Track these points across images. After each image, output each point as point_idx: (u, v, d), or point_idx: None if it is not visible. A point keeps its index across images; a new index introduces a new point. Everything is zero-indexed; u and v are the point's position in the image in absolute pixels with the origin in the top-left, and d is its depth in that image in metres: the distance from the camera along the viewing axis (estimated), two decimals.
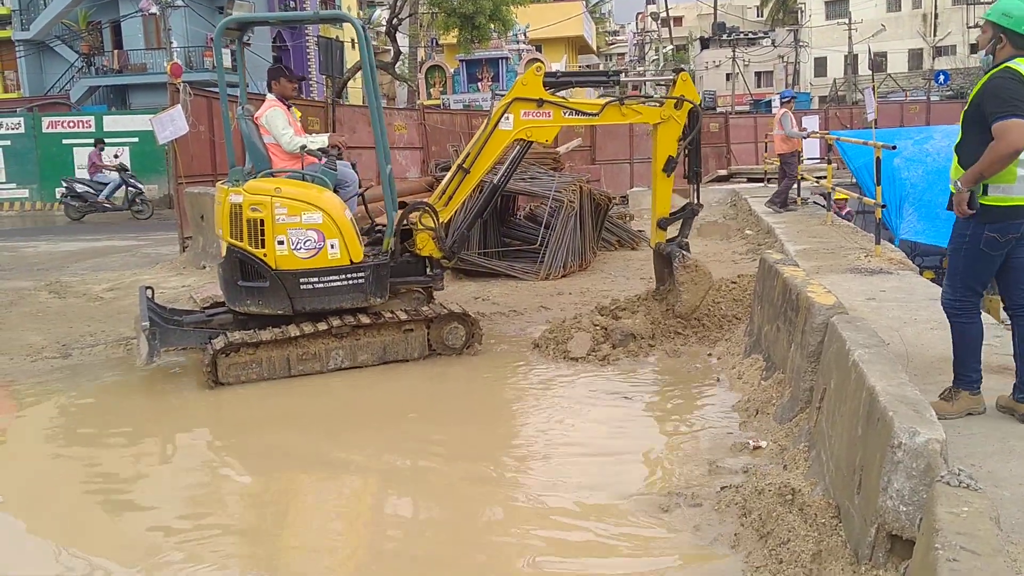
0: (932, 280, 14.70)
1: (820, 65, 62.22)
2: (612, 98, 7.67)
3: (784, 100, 15.31)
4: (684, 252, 7.80)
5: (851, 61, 51.68)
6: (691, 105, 7.65)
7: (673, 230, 8.17)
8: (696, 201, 8.17)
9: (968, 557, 2.39)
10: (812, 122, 24.01)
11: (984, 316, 5.64)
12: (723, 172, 26.95)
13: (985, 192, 4.32)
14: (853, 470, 3.52)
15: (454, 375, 7.24)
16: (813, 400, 4.74)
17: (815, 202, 15.93)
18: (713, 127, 30.21)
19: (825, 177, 13.44)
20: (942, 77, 44.02)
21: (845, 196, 13.05)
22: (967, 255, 4.46)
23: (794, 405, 5.08)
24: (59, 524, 4.57)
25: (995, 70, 4.31)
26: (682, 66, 8.61)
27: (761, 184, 21.41)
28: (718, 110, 42.80)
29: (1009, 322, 4.58)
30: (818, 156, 20.00)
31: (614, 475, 4.94)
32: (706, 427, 5.63)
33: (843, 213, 15.10)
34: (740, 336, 7.35)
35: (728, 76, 58.65)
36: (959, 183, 4.35)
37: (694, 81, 8.02)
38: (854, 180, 16.59)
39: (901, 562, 3.08)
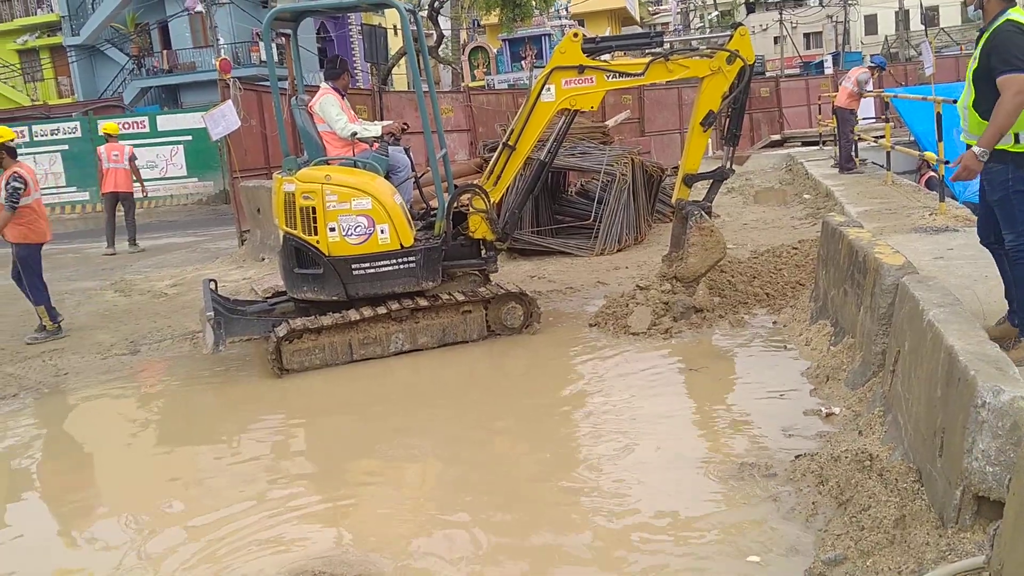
0: None
1: (871, 23, 60.63)
2: (656, 55, 7.41)
3: (872, 66, 14.82)
4: (703, 214, 7.47)
5: (902, 17, 50.24)
6: (743, 63, 7.34)
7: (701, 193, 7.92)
8: (729, 166, 7.85)
9: None
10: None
11: None
12: (776, 137, 26.51)
13: (1017, 141, 4.53)
14: (933, 432, 3.42)
15: (515, 355, 7.23)
16: (886, 363, 4.63)
17: (874, 162, 15.55)
18: (764, 92, 29.70)
19: (883, 137, 13.11)
20: None
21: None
22: (1018, 199, 4.59)
23: (866, 369, 4.97)
24: (149, 516, 4.67)
25: (998, 24, 4.44)
26: (740, 22, 8.22)
27: (816, 147, 20.99)
28: (767, 75, 42.03)
29: None
30: (874, 115, 19.51)
31: (685, 448, 4.88)
32: (776, 396, 5.53)
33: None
34: (805, 302, 7.21)
35: (776, 40, 57.50)
36: (979, 147, 4.55)
37: None
38: (912, 138, 16.18)
39: (989, 523, 2.98)
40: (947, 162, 10.07)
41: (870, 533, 3.36)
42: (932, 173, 14.56)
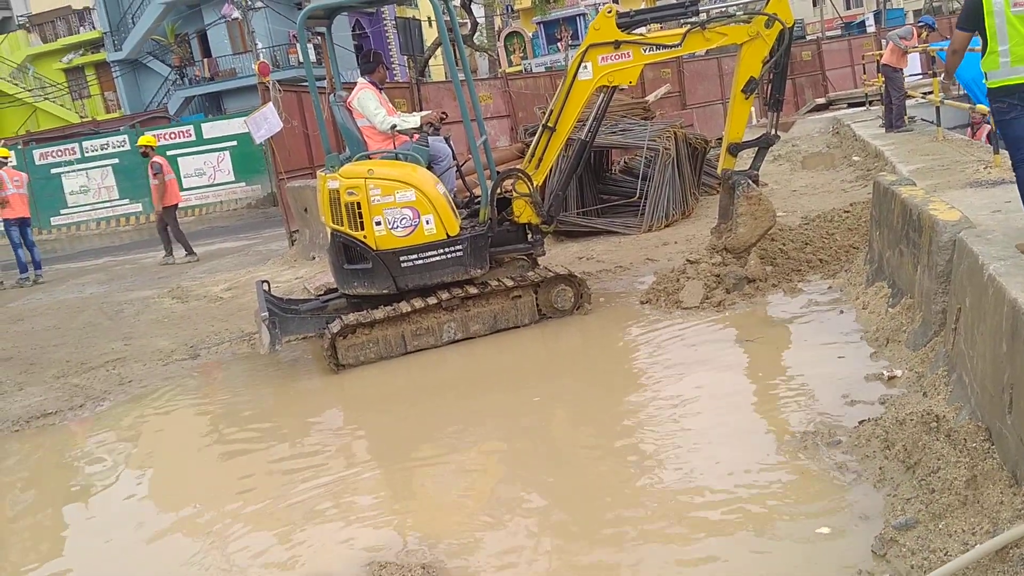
0: None
1: None
2: (692, 24, 7.29)
3: (920, 25, 14.44)
4: (751, 183, 7.36)
5: None
6: (782, 27, 7.18)
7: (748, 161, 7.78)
8: (773, 132, 7.70)
9: None
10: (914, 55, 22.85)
11: None
12: (821, 101, 26.00)
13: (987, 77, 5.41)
14: (1002, 389, 3.33)
15: (567, 337, 7.22)
16: (948, 322, 4.52)
17: (923, 119, 15.17)
18: (805, 56, 29.15)
19: (932, 92, 12.77)
20: None
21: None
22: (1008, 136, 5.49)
23: (927, 329, 4.86)
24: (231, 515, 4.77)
25: None
26: None
27: (863, 108, 20.55)
28: (808, 38, 41.23)
29: None
30: (920, 72, 19.03)
31: (746, 421, 4.83)
32: (836, 361, 5.43)
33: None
34: (860, 265, 7.07)
35: (815, 1, 56.33)
36: None
37: None
38: (962, 91, 15.72)
39: None
40: None
41: (941, 495, 3.29)
42: (987, 125, 14.11)
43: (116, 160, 26.47)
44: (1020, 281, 3.51)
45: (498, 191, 7.50)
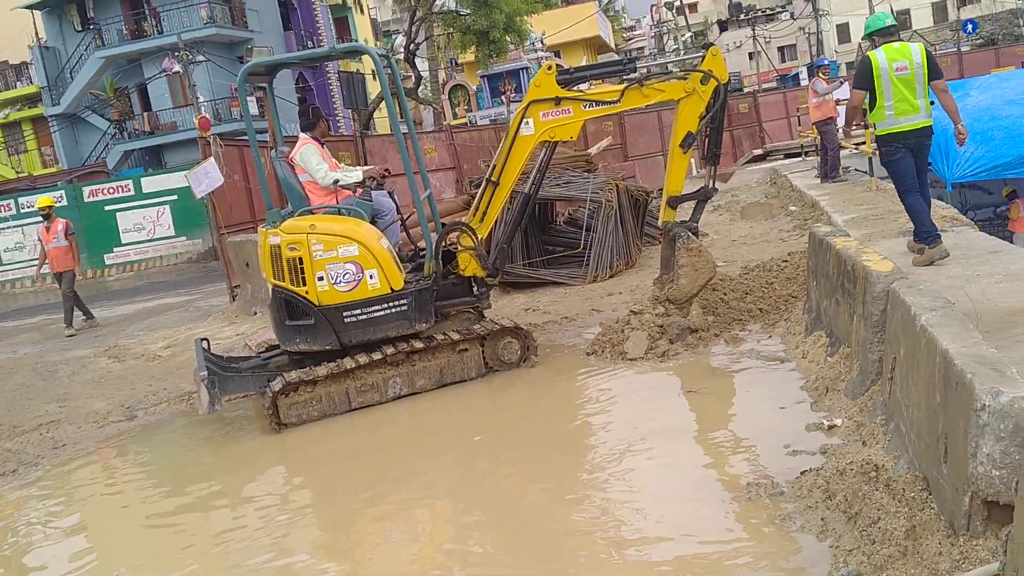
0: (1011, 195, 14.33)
1: (843, 31, 61.13)
2: (631, 81, 7.42)
3: (818, 67, 14.98)
4: (691, 235, 7.48)
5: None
6: (717, 83, 7.30)
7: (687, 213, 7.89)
8: (712, 185, 7.82)
9: None
10: (843, 90, 23.58)
11: None
12: (759, 152, 26.61)
13: (875, 127, 7.03)
14: (936, 438, 3.39)
15: (515, 390, 7.19)
16: (884, 371, 4.60)
17: (857, 169, 15.60)
18: (742, 108, 29.89)
19: (863, 143, 13.16)
20: (970, 26, 43.07)
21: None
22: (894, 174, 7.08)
23: (864, 378, 4.94)
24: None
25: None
26: (712, 42, 8.26)
27: (799, 159, 21.08)
28: (745, 90, 42.36)
29: None
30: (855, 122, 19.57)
31: (691, 472, 4.84)
32: (777, 411, 5.49)
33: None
34: (799, 315, 7.19)
35: (751, 55, 58.02)
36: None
37: None
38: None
39: (1001, 528, 2.94)
40: (929, 163, 10.11)
41: (882, 546, 3.31)
42: None
43: (60, 217, 25.89)
44: (951, 332, 3.60)
45: (444, 244, 7.50)
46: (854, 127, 10.48)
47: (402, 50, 30.52)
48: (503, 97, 38.93)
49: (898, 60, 6.85)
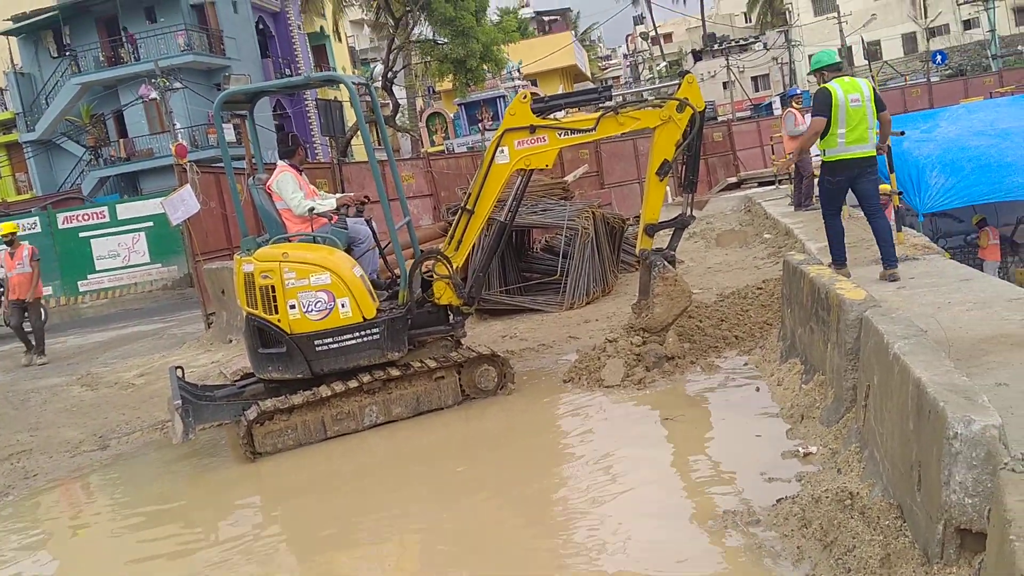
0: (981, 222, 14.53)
1: None
2: (606, 109, 7.44)
3: (789, 97, 15.17)
4: (666, 263, 7.48)
5: (845, 54, 51.55)
6: (693, 111, 7.30)
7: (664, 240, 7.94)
8: (689, 213, 7.83)
9: None
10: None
11: (1018, 288, 6.49)
12: (733, 180, 26.86)
13: (825, 153, 7.63)
14: (910, 466, 3.41)
15: (491, 418, 7.17)
16: (858, 398, 4.63)
17: None
18: (717, 136, 30.20)
19: None
20: (939, 57, 43.88)
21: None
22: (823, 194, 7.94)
23: (839, 406, 4.97)
24: None
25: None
26: (688, 69, 8.36)
27: (772, 187, 21.28)
28: (719, 119, 42.84)
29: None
30: None
31: (667, 500, 4.84)
32: (754, 439, 5.50)
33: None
34: (774, 342, 7.23)
35: (725, 85, 58.69)
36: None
37: None
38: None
39: (975, 556, 2.96)
40: (900, 193, 10.26)
41: (857, 574, 3.33)
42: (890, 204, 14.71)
43: (26, 242, 25.64)
44: (923, 359, 3.63)
45: (422, 272, 7.49)
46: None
47: (380, 78, 30.63)
48: (480, 125, 39.15)
49: (852, 92, 7.53)
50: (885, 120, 7.68)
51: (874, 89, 7.62)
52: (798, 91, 15.64)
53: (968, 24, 52.87)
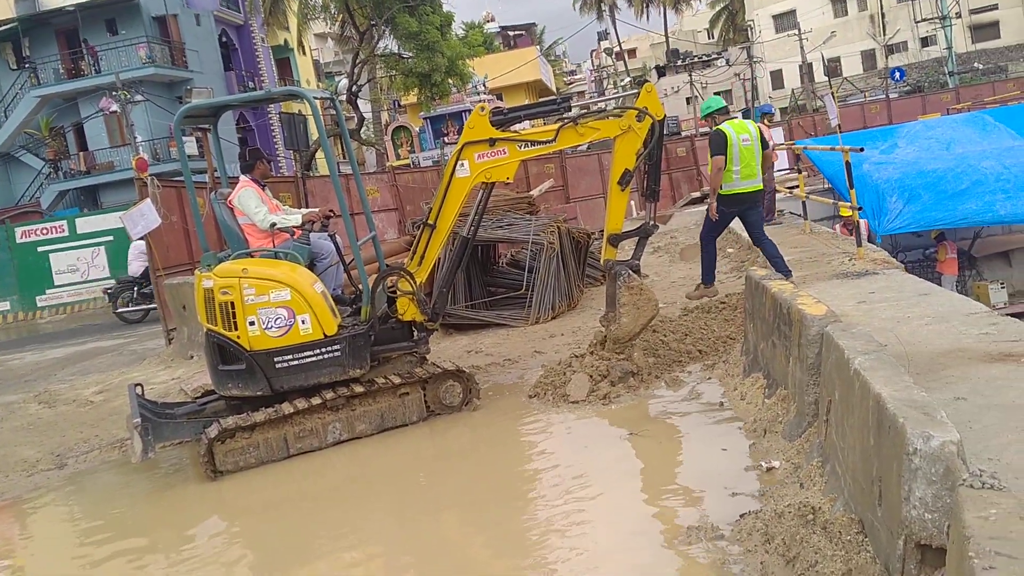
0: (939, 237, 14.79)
1: (776, 78, 63.00)
2: (566, 120, 7.43)
3: (764, 114, 15.29)
4: (632, 273, 7.46)
5: (806, 70, 52.32)
6: (652, 120, 7.30)
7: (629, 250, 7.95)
8: (652, 222, 7.84)
9: (1005, 563, 2.30)
10: (777, 133, 24.21)
11: (975, 302, 6.59)
12: (696, 194, 27.07)
13: (722, 187, 8.50)
14: (871, 481, 3.44)
15: (456, 434, 7.13)
16: (820, 413, 4.67)
17: (792, 212, 15.96)
18: (680, 152, 30.45)
19: (797, 187, 13.48)
20: (898, 74, 44.70)
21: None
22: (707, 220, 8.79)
23: (801, 421, 5.01)
24: None
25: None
26: (646, 78, 8.54)
27: None
28: (683, 134, 43.20)
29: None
30: (787, 167, 20.10)
31: (632, 516, 4.84)
32: (718, 453, 5.52)
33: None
34: (737, 356, 7.28)
35: (688, 100, 59.27)
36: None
37: None
38: (828, 186, 16.69)
39: (935, 572, 2.98)
40: (860, 208, 10.40)
41: None
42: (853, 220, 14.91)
43: None
44: (883, 375, 3.67)
45: (384, 288, 7.44)
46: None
47: (345, 92, 30.52)
48: (445, 139, 39.14)
49: (742, 133, 8.50)
50: (768, 156, 8.90)
51: (760, 129, 8.70)
52: (771, 110, 15.82)
53: (926, 41, 53.88)
